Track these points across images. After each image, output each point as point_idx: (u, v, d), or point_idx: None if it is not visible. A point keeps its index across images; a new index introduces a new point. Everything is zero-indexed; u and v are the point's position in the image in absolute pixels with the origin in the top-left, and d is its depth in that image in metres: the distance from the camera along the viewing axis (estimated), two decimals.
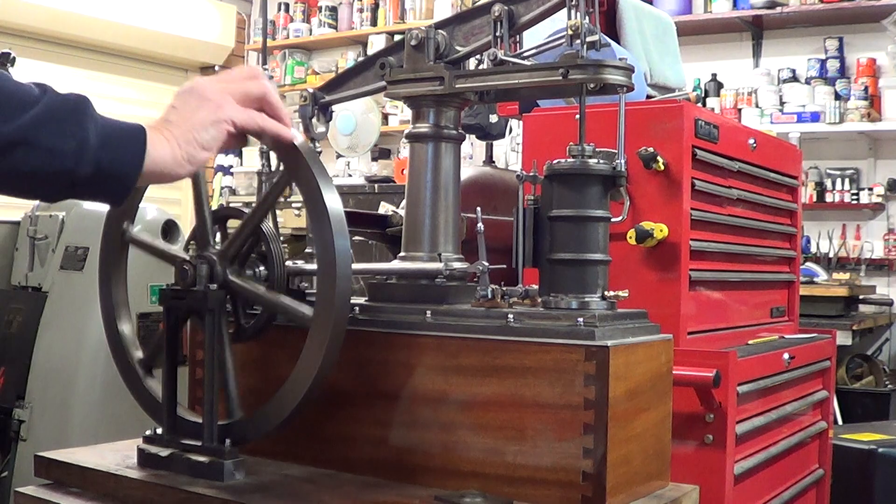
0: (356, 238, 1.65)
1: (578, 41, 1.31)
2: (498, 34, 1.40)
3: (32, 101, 1.04)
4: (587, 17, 1.31)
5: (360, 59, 1.50)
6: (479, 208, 1.41)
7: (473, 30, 1.45)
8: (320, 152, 1.57)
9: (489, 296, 1.35)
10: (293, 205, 1.58)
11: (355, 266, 1.35)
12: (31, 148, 1.03)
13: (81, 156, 1.05)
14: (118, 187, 1.10)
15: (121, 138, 1.10)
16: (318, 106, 1.59)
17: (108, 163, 1.07)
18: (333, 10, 7.26)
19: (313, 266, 1.36)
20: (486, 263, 1.37)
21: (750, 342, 2.11)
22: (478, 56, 1.48)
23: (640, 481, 1.30)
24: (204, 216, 1.37)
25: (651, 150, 1.81)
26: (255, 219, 1.33)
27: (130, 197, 1.42)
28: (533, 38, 1.70)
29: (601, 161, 1.33)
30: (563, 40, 1.35)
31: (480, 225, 1.38)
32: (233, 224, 1.41)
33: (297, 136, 1.27)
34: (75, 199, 1.13)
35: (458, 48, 1.46)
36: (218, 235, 1.40)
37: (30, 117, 1.03)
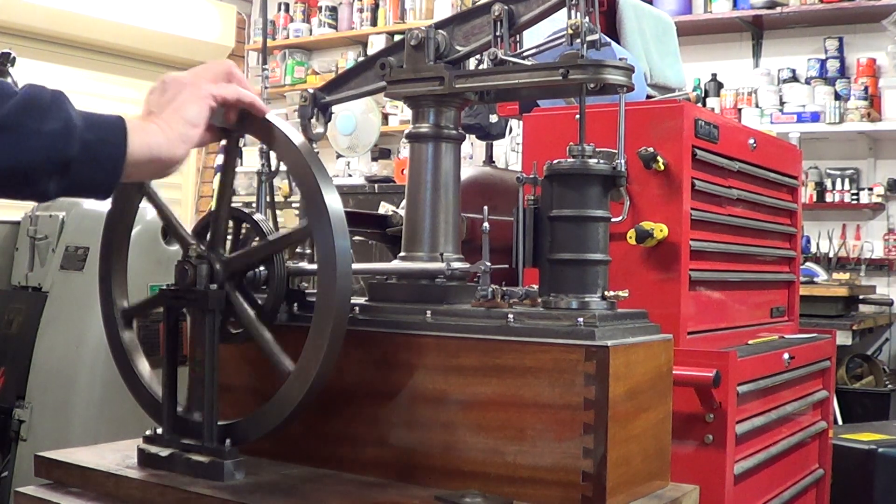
0: (356, 238, 1.65)
1: (578, 40, 1.31)
2: (498, 34, 1.40)
3: (10, 93, 1.05)
4: (587, 17, 1.31)
5: (361, 59, 1.51)
6: (486, 208, 1.40)
7: (473, 29, 1.45)
8: (317, 153, 1.57)
9: (489, 296, 1.35)
10: (293, 205, 1.58)
11: (355, 266, 1.35)
12: (18, 133, 1.03)
13: (69, 135, 1.06)
14: (108, 170, 1.10)
15: (102, 122, 1.11)
16: (318, 106, 1.59)
17: (94, 143, 1.08)
18: (333, 10, 7.26)
19: (313, 266, 1.36)
20: (489, 263, 1.37)
21: (750, 342, 2.11)
22: (478, 56, 1.48)
23: (640, 481, 1.30)
24: (170, 219, 1.39)
25: (651, 150, 1.81)
26: (225, 196, 1.34)
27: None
28: (533, 38, 1.70)
29: (601, 161, 1.33)
30: (563, 40, 1.35)
31: (486, 224, 1.38)
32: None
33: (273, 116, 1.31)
34: (66, 191, 1.11)
35: (458, 48, 1.46)
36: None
37: (11, 104, 1.04)
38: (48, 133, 1.05)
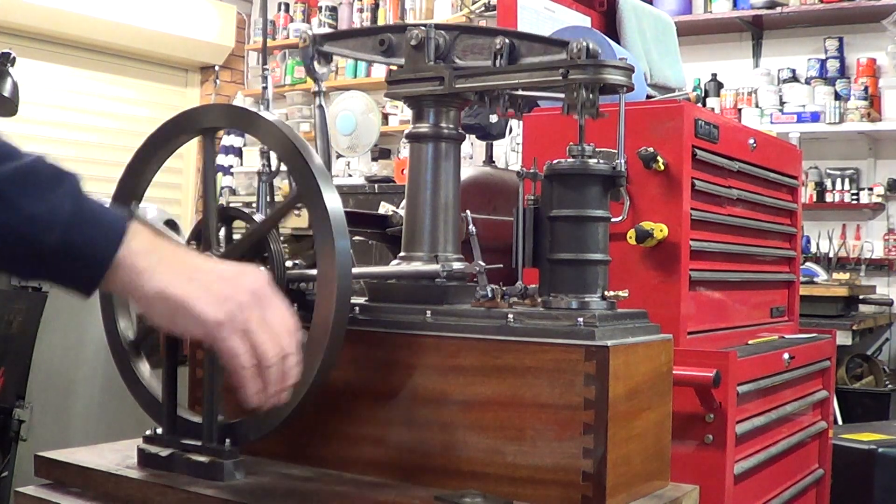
0: (356, 238, 1.65)
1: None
2: (496, 65, 1.40)
3: (16, 156, 0.97)
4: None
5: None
6: (468, 211, 1.41)
7: (474, 48, 1.44)
8: (326, 92, 1.58)
9: (489, 296, 1.35)
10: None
11: (355, 270, 1.34)
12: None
13: (49, 224, 0.96)
14: (86, 271, 1.01)
15: (101, 219, 1.00)
16: (318, 51, 1.58)
17: (80, 240, 0.98)
18: (333, 10, 7.27)
19: (314, 272, 1.36)
20: (483, 263, 1.37)
21: (750, 342, 2.11)
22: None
23: (640, 481, 1.30)
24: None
25: (651, 150, 1.81)
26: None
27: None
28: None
29: (601, 161, 1.33)
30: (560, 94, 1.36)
31: (472, 227, 1.38)
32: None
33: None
34: (43, 278, 1.03)
35: (456, 59, 1.45)
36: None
37: (9, 170, 0.95)
38: (27, 215, 0.95)
